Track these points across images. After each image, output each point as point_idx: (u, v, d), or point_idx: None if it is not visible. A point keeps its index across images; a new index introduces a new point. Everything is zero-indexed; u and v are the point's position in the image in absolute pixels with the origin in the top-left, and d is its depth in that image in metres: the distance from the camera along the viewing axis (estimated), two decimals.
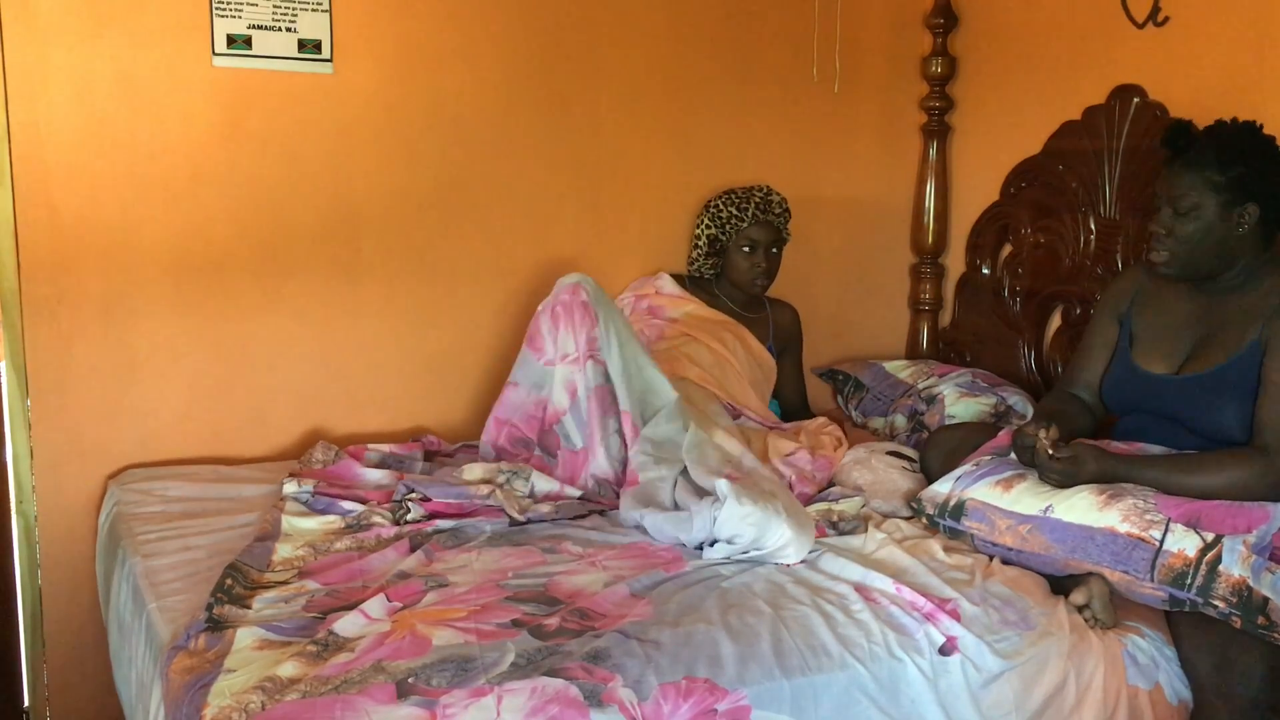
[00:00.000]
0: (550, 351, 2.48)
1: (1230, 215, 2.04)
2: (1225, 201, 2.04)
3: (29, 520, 2.50)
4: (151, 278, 2.52)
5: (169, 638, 1.76)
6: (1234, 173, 2.02)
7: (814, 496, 2.39)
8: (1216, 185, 2.03)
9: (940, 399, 2.78)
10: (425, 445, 2.66)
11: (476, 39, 2.75)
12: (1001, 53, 3.01)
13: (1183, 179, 2.06)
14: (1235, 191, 2.03)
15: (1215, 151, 2.04)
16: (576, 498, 2.37)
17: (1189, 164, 2.06)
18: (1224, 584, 1.81)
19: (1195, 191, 2.05)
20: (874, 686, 1.74)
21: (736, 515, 2.03)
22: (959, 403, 2.75)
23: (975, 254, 3.11)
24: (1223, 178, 2.03)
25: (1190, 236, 2.07)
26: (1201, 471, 1.97)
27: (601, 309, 2.44)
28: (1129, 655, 1.90)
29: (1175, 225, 2.08)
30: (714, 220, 2.91)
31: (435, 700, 1.55)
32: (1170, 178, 2.08)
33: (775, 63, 3.09)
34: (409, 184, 2.73)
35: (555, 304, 2.48)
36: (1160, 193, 2.11)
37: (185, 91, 2.49)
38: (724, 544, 2.05)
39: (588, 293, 2.45)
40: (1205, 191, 2.04)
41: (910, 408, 2.86)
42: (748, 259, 2.90)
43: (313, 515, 2.22)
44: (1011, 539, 2.05)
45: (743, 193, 2.91)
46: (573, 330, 2.44)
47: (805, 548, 2.06)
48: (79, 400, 2.49)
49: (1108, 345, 2.32)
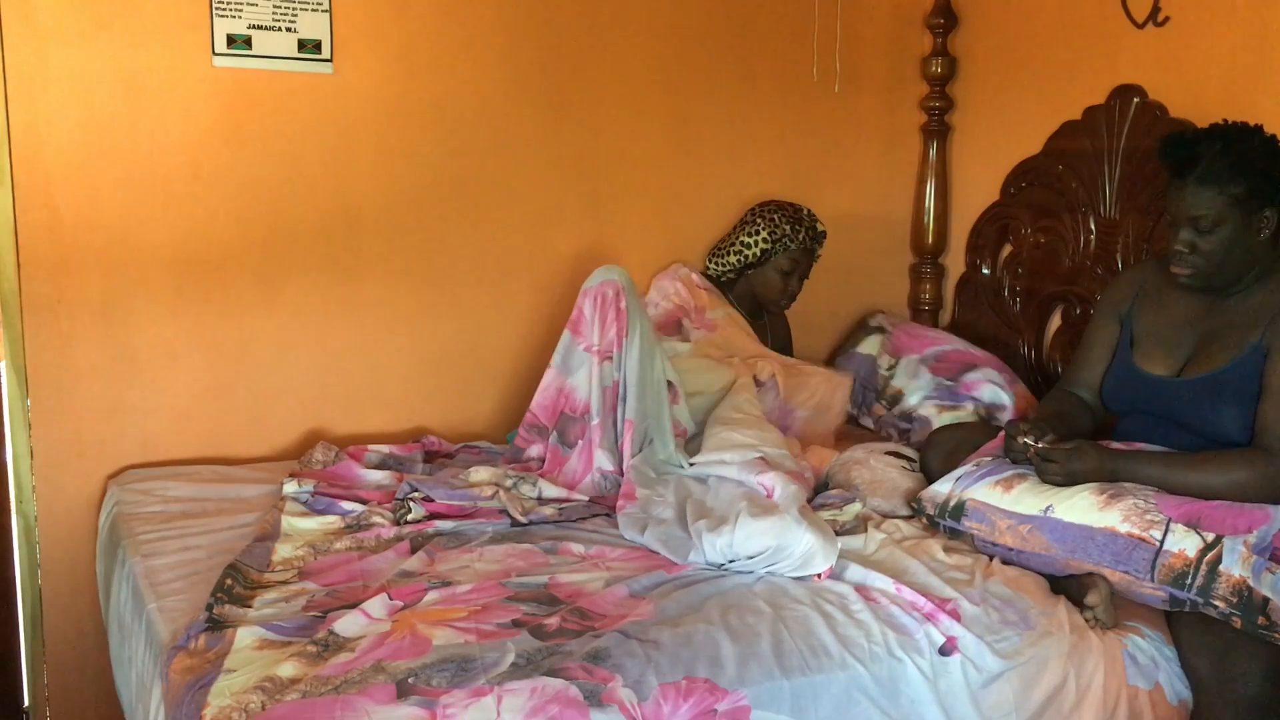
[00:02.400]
0: (590, 338, 2.46)
1: (1252, 224, 2.03)
2: (1247, 212, 2.01)
3: (29, 520, 2.50)
4: (151, 278, 2.52)
5: (169, 638, 1.76)
6: (1253, 183, 1.99)
7: (811, 499, 2.38)
8: (1236, 198, 2.00)
9: (928, 421, 2.78)
10: (426, 446, 2.66)
11: (476, 39, 2.75)
12: (1001, 52, 3.01)
13: (1200, 197, 2.02)
14: (1256, 200, 2.01)
15: (1230, 164, 2.00)
16: (583, 501, 2.36)
17: (1204, 180, 2.01)
18: (1224, 584, 1.81)
19: (1216, 208, 2.01)
20: (874, 686, 1.74)
21: (754, 532, 1.97)
22: (941, 418, 2.76)
23: (975, 254, 3.11)
24: (1242, 189, 2.00)
25: (1215, 251, 2.04)
26: (1205, 470, 1.97)
27: (635, 318, 2.43)
28: (1129, 655, 1.90)
29: (1199, 242, 2.04)
30: (771, 236, 2.86)
31: (435, 700, 1.55)
32: (1186, 197, 2.03)
33: (775, 63, 3.09)
34: (409, 184, 2.73)
35: (598, 294, 2.45)
36: (1175, 212, 2.06)
37: (185, 91, 2.49)
38: (745, 559, 1.99)
39: (625, 296, 2.43)
40: (1226, 207, 2.01)
41: (894, 424, 2.87)
42: (783, 279, 2.91)
43: (312, 515, 2.22)
44: (1012, 539, 2.05)
45: (793, 212, 2.89)
46: (603, 325, 2.43)
47: (833, 554, 1.98)
48: (79, 400, 2.49)
49: (1108, 345, 2.31)
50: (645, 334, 2.44)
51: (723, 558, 2.00)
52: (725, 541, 1.99)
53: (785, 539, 1.96)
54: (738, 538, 1.98)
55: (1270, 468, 1.93)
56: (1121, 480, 2.01)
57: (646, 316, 2.49)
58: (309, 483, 2.34)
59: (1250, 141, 2.03)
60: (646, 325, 2.46)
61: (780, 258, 2.88)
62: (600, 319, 2.44)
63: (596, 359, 2.43)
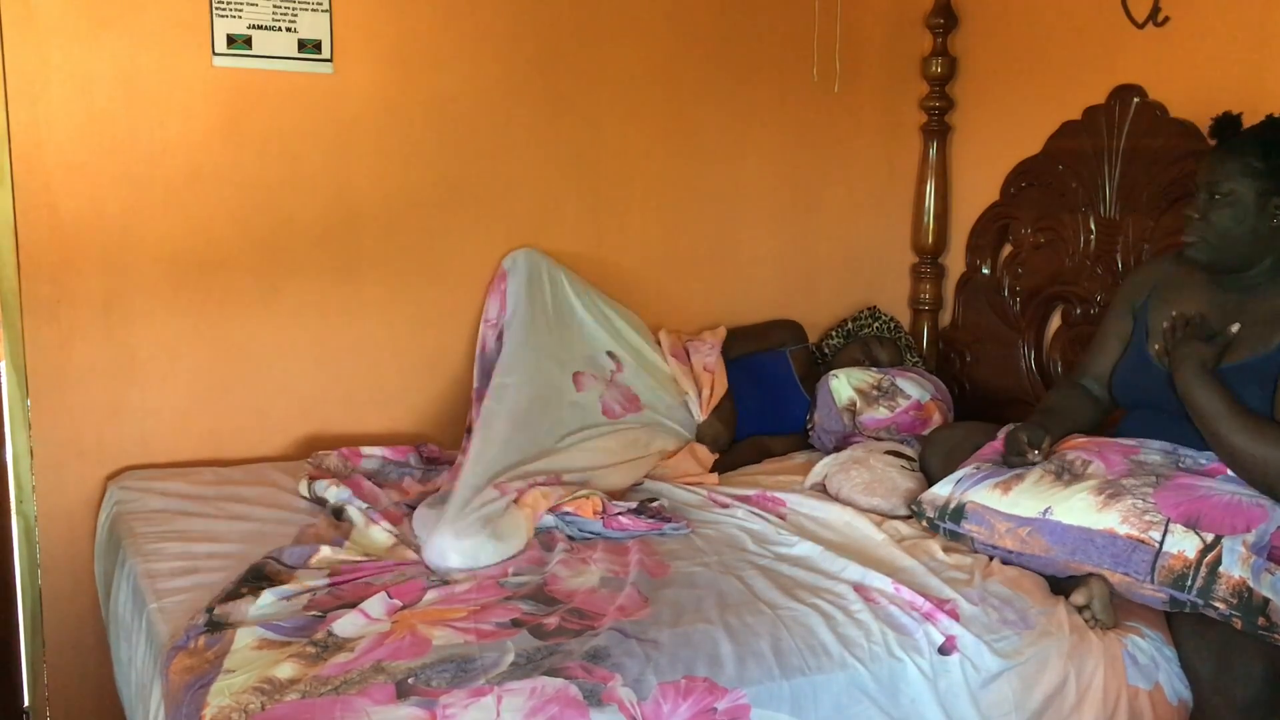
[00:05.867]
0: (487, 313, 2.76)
1: (1266, 205, 2.02)
2: (1263, 190, 2.01)
3: (29, 520, 2.50)
4: (151, 278, 2.52)
5: (169, 638, 1.76)
6: (1275, 162, 2.00)
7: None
8: (1257, 172, 2.01)
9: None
10: (424, 454, 2.65)
11: (476, 38, 2.75)
12: (1001, 53, 3.01)
13: (1223, 164, 2.04)
14: (1274, 181, 2.01)
15: (1263, 143, 2.02)
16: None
17: (1231, 150, 2.04)
18: (1224, 585, 1.81)
19: (1233, 178, 2.02)
20: (874, 686, 1.74)
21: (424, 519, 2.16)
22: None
23: (975, 254, 3.11)
24: (1264, 164, 2.00)
25: (1223, 222, 2.04)
26: (1261, 437, 1.92)
27: (520, 297, 2.68)
28: (1129, 655, 1.90)
29: (1210, 210, 2.05)
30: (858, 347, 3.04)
31: (435, 700, 1.55)
32: (1211, 163, 2.06)
33: (775, 63, 3.08)
34: (409, 184, 2.73)
35: (495, 276, 2.76)
36: (1200, 177, 2.08)
37: (185, 91, 2.49)
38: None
39: (509, 278, 2.73)
40: (1243, 178, 2.02)
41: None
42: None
43: (374, 525, 2.20)
44: (1011, 542, 2.04)
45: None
46: (500, 303, 2.73)
47: (470, 557, 2.03)
48: (79, 400, 2.49)
49: (1121, 337, 2.30)
50: (536, 312, 2.69)
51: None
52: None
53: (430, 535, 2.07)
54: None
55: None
56: (1197, 384, 2.00)
57: (538, 293, 2.73)
58: (343, 487, 2.32)
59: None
60: (527, 289, 2.71)
61: (863, 356, 3.03)
62: (497, 296, 2.75)
63: (493, 332, 2.69)
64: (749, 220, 3.14)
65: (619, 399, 2.71)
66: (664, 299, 3.05)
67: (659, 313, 3.03)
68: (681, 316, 3.07)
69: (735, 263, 3.14)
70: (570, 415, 2.60)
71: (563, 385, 2.65)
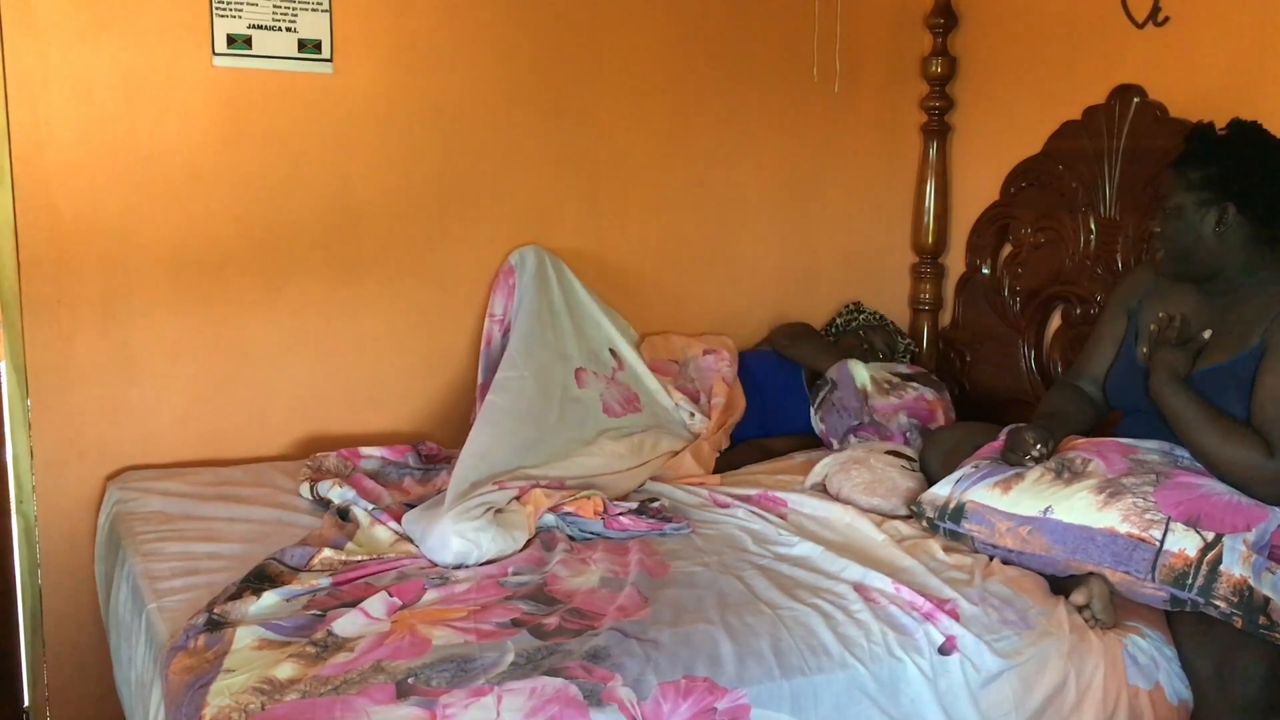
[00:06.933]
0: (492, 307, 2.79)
1: (1207, 214, 2.05)
2: (1200, 200, 2.05)
3: (29, 520, 2.50)
4: (151, 278, 2.52)
5: (169, 638, 1.76)
6: (1207, 170, 2.03)
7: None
8: (1192, 184, 2.05)
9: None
10: (424, 451, 2.65)
11: (476, 38, 2.75)
12: (1001, 53, 3.01)
13: (1169, 179, 2.10)
14: (1210, 190, 2.04)
15: (1191, 150, 2.06)
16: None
17: (1174, 164, 2.09)
18: (1225, 584, 1.81)
19: (1176, 192, 2.08)
20: (874, 686, 1.74)
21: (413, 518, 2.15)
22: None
23: (975, 254, 3.11)
24: (1197, 175, 2.04)
25: (1174, 236, 2.09)
26: (1229, 438, 1.94)
27: (527, 292, 2.70)
28: (1129, 655, 1.90)
29: (1165, 225, 2.11)
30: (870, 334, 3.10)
31: (435, 700, 1.55)
32: (1164, 178, 2.12)
33: (775, 63, 3.08)
34: (409, 184, 2.73)
35: (501, 272, 2.79)
36: (1157, 194, 2.14)
37: (185, 91, 2.49)
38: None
39: (516, 273, 2.76)
40: (1184, 191, 2.06)
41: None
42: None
43: (378, 525, 2.20)
44: (1012, 541, 2.04)
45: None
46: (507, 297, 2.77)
47: (464, 553, 2.01)
48: (79, 400, 2.49)
49: (1115, 339, 2.31)
50: (542, 307, 2.71)
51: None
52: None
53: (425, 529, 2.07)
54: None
55: (1269, 458, 1.91)
56: (1169, 392, 2.03)
57: (545, 289, 2.76)
58: (346, 487, 2.32)
59: (1228, 133, 2.06)
60: (533, 293, 2.72)
61: (864, 349, 3.07)
62: (504, 292, 2.77)
63: (499, 328, 2.73)
64: (749, 220, 3.14)
65: (619, 398, 2.72)
66: (664, 299, 3.05)
67: (659, 313, 3.03)
68: (681, 316, 3.07)
69: (735, 262, 3.14)
70: (571, 411, 2.60)
71: (565, 381, 2.65)
